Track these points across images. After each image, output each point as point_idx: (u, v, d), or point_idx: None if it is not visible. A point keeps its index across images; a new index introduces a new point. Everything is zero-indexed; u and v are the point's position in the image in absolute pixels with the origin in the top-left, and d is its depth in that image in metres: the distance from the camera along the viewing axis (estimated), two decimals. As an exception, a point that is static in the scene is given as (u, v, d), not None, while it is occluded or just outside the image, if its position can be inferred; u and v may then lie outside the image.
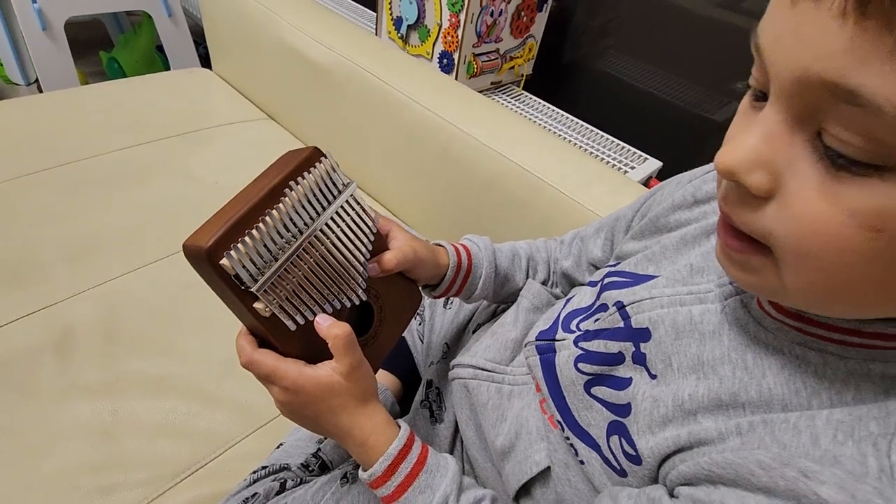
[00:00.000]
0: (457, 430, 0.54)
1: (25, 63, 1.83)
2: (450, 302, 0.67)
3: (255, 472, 0.52)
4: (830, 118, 0.21)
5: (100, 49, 1.83)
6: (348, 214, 0.42)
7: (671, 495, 0.31)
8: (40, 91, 1.71)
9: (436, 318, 0.66)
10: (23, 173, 0.90)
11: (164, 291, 0.76)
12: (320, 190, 0.40)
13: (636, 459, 0.34)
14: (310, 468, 0.52)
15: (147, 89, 1.20)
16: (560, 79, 1.29)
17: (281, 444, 0.58)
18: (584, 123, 1.13)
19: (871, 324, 0.27)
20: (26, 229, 0.81)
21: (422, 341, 0.66)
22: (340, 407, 0.40)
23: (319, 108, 1.04)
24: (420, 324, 0.66)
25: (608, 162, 1.03)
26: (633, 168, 1.02)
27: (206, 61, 1.39)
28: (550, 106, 1.18)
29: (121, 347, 0.69)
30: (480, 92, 1.16)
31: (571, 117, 1.14)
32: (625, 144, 1.08)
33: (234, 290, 0.35)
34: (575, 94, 1.28)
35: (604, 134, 1.10)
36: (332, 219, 0.41)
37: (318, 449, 0.54)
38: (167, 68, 1.60)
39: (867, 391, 0.27)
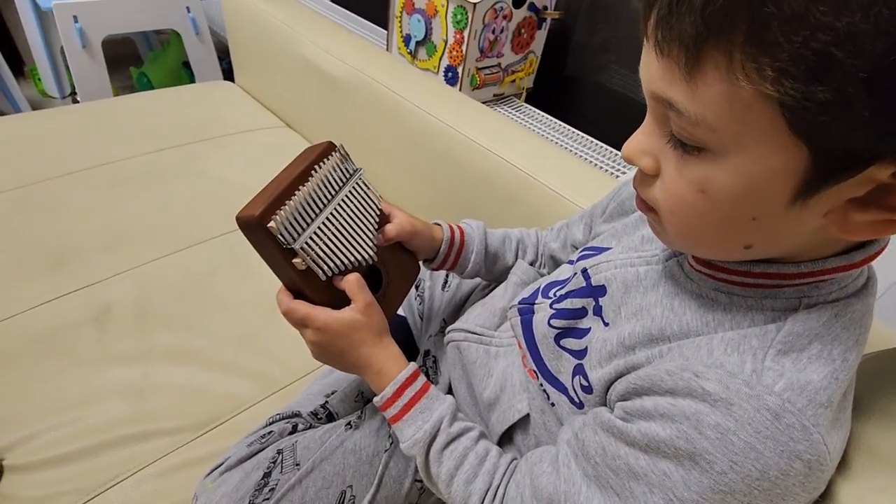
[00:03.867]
0: (449, 391, 0.60)
1: (61, 77, 1.96)
2: (447, 284, 0.74)
3: (271, 417, 0.59)
4: (671, 118, 0.30)
5: (130, 65, 1.96)
6: (359, 192, 0.52)
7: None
8: (75, 103, 1.83)
9: (434, 298, 0.73)
10: (65, 172, 1.00)
11: (189, 276, 0.85)
12: (336, 173, 0.50)
13: (588, 390, 0.41)
14: (318, 416, 0.60)
15: (175, 100, 1.30)
16: (561, 92, 1.35)
17: None
18: (583, 134, 1.18)
19: (756, 265, 0.34)
20: (69, 220, 0.90)
21: (421, 319, 0.73)
22: (361, 341, 0.49)
23: (333, 116, 1.13)
24: (420, 304, 0.73)
25: (606, 170, 1.08)
26: (625, 174, 1.09)
27: (228, 75, 1.48)
28: (551, 117, 1.23)
29: (151, 322, 0.77)
30: (483, 103, 1.24)
31: (571, 128, 1.20)
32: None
33: (278, 249, 0.45)
34: (575, 106, 1.33)
35: (602, 144, 1.15)
36: (347, 195, 0.51)
37: (326, 401, 0.61)
38: (192, 82, 1.70)
39: (759, 320, 0.34)
